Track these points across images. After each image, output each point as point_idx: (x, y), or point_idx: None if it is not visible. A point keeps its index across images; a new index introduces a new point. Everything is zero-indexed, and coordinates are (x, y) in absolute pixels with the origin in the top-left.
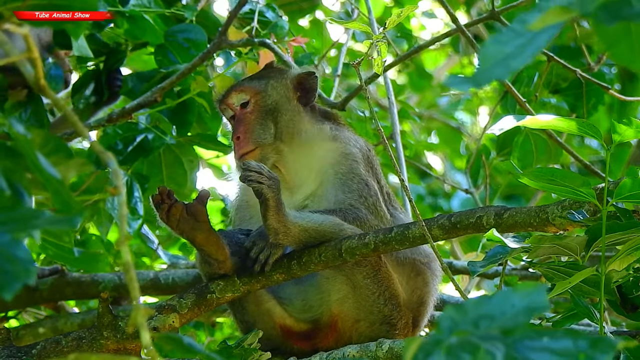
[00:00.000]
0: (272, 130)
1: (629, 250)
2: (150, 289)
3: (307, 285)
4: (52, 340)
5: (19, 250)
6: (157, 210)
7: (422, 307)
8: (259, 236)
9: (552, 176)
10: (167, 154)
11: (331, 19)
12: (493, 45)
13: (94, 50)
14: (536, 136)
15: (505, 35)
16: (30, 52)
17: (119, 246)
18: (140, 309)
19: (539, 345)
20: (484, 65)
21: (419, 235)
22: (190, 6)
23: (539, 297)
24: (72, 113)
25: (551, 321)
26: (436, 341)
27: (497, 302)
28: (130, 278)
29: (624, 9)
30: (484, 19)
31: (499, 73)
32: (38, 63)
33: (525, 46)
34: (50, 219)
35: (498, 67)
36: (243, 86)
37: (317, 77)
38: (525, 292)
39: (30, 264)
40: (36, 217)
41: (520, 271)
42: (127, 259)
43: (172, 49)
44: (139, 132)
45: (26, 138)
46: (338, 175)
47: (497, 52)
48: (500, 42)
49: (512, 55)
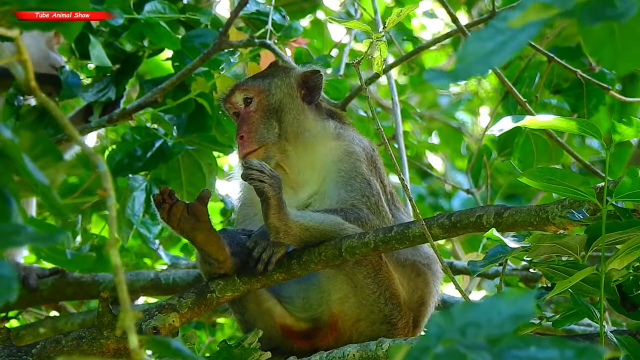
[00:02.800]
0: (277, 130)
1: (628, 249)
2: (150, 289)
3: (308, 284)
4: (52, 340)
5: (2, 267)
6: (158, 210)
7: (422, 307)
8: (260, 236)
9: (552, 176)
10: (186, 159)
11: (331, 19)
12: (474, 42)
13: (110, 56)
14: (537, 137)
15: (486, 32)
16: (20, 55)
17: (108, 249)
18: (129, 312)
19: (526, 355)
20: (465, 61)
21: (419, 234)
22: (205, 10)
23: (525, 304)
24: (63, 115)
25: (551, 321)
26: (423, 349)
27: (483, 308)
28: (119, 281)
29: (607, 9)
30: (484, 19)
31: (479, 69)
32: (28, 65)
33: (506, 43)
34: (32, 235)
35: (478, 63)
36: (247, 85)
37: (322, 74)
38: (512, 299)
39: (13, 281)
40: (18, 233)
41: (520, 271)
42: (116, 262)
43: (189, 53)
44: (157, 137)
45: (13, 142)
46: (341, 174)
47: (478, 48)
48: (481, 38)
49: (493, 51)
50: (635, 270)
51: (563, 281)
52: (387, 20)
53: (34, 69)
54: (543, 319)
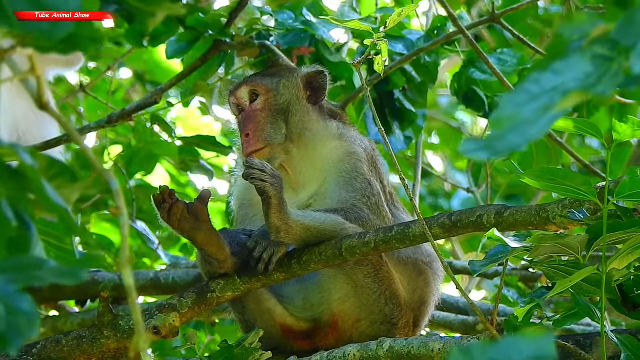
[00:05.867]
0: (284, 131)
1: (629, 249)
2: (150, 288)
3: (308, 284)
4: (53, 340)
5: (24, 303)
6: (159, 210)
7: (423, 307)
8: (261, 236)
9: (553, 176)
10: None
11: (331, 19)
12: (508, 106)
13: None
14: None
15: (520, 96)
16: (34, 71)
17: (122, 268)
18: (143, 334)
19: None
20: (500, 128)
21: (419, 233)
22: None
23: (546, 345)
24: (67, 121)
25: (552, 320)
26: None
27: (504, 348)
28: (132, 302)
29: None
30: (484, 21)
31: (516, 141)
32: (41, 81)
33: (542, 112)
34: (55, 270)
35: (515, 133)
36: (255, 82)
37: (327, 75)
38: (532, 339)
39: (34, 317)
40: (40, 267)
41: (520, 271)
42: (130, 282)
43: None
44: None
45: (33, 168)
46: (342, 174)
47: (512, 115)
48: (516, 103)
49: (529, 121)
50: (636, 270)
51: (564, 281)
52: (387, 20)
53: None
54: (543, 318)
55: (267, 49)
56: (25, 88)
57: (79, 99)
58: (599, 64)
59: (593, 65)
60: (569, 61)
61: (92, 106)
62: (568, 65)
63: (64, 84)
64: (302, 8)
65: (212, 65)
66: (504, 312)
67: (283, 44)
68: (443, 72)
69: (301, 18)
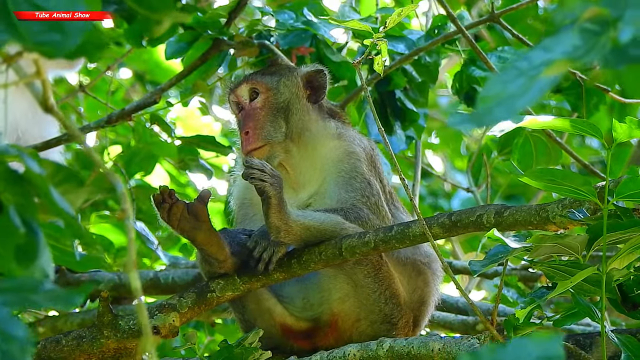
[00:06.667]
0: (284, 129)
1: (629, 248)
2: (150, 288)
3: (308, 284)
4: (52, 340)
5: (16, 328)
6: (158, 210)
7: (423, 307)
8: (261, 235)
9: (553, 176)
10: None
11: (331, 19)
12: (496, 83)
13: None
14: (536, 138)
15: (509, 73)
16: (39, 75)
17: (127, 271)
18: (150, 337)
19: None
20: (487, 103)
21: (419, 233)
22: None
23: (554, 347)
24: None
25: (552, 320)
26: None
27: (511, 351)
28: (140, 308)
29: (630, 51)
30: (483, 21)
31: (501, 113)
32: (47, 85)
33: (528, 86)
34: (50, 294)
35: (501, 107)
36: (255, 80)
37: (327, 74)
38: (539, 341)
39: (27, 343)
40: (36, 289)
41: (520, 271)
42: (137, 286)
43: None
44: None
45: (41, 176)
46: (341, 174)
47: (500, 90)
48: (503, 80)
49: (515, 94)
50: (636, 270)
51: (564, 281)
52: (387, 20)
53: None
54: (543, 318)
55: (266, 48)
56: (29, 90)
57: (78, 99)
58: (587, 38)
59: (582, 39)
60: (558, 37)
61: (91, 106)
62: (557, 40)
63: (64, 84)
64: (303, 8)
65: (212, 65)
66: (503, 312)
67: (284, 44)
68: (443, 72)
69: (302, 18)
